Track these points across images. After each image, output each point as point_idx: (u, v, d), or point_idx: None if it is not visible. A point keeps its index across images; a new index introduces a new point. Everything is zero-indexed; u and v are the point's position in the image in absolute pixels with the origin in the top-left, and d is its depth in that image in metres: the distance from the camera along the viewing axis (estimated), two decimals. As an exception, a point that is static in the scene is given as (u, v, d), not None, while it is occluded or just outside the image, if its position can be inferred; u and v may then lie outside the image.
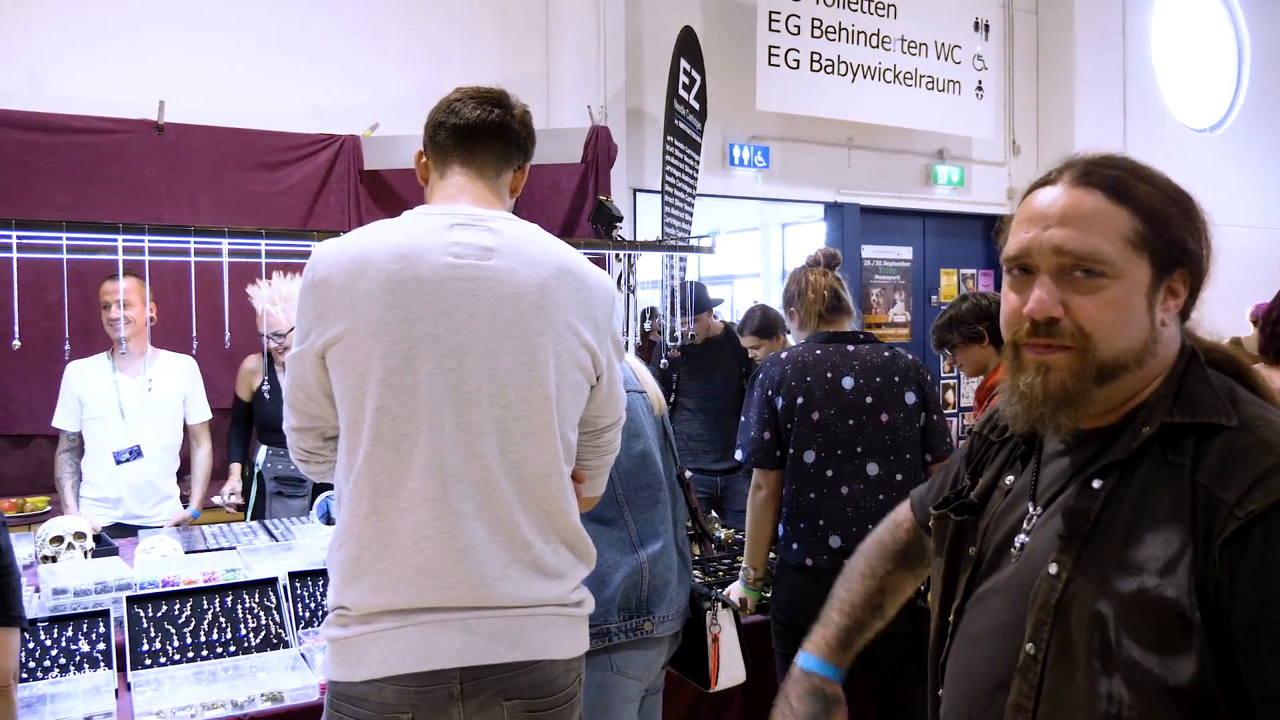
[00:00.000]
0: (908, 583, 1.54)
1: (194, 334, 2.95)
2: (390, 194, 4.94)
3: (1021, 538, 1.19)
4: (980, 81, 7.41)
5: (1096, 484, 1.12)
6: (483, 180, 1.77)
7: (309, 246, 3.10)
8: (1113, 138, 7.98)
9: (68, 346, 2.93)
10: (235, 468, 4.12)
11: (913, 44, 7.04)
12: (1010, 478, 1.26)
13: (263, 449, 4.09)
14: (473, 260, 1.63)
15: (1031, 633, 1.12)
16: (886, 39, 6.91)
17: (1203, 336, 1.20)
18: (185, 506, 3.97)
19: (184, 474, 4.02)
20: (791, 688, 1.46)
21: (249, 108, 4.82)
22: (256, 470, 4.06)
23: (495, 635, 1.58)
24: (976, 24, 7.41)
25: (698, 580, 2.95)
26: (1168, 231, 1.12)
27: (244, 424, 4.13)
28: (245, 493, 4.09)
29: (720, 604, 2.39)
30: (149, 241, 2.83)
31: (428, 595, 1.57)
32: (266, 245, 2.97)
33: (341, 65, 5.19)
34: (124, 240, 2.78)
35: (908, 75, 7.03)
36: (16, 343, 2.73)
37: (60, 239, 2.77)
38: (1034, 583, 1.13)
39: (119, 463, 3.77)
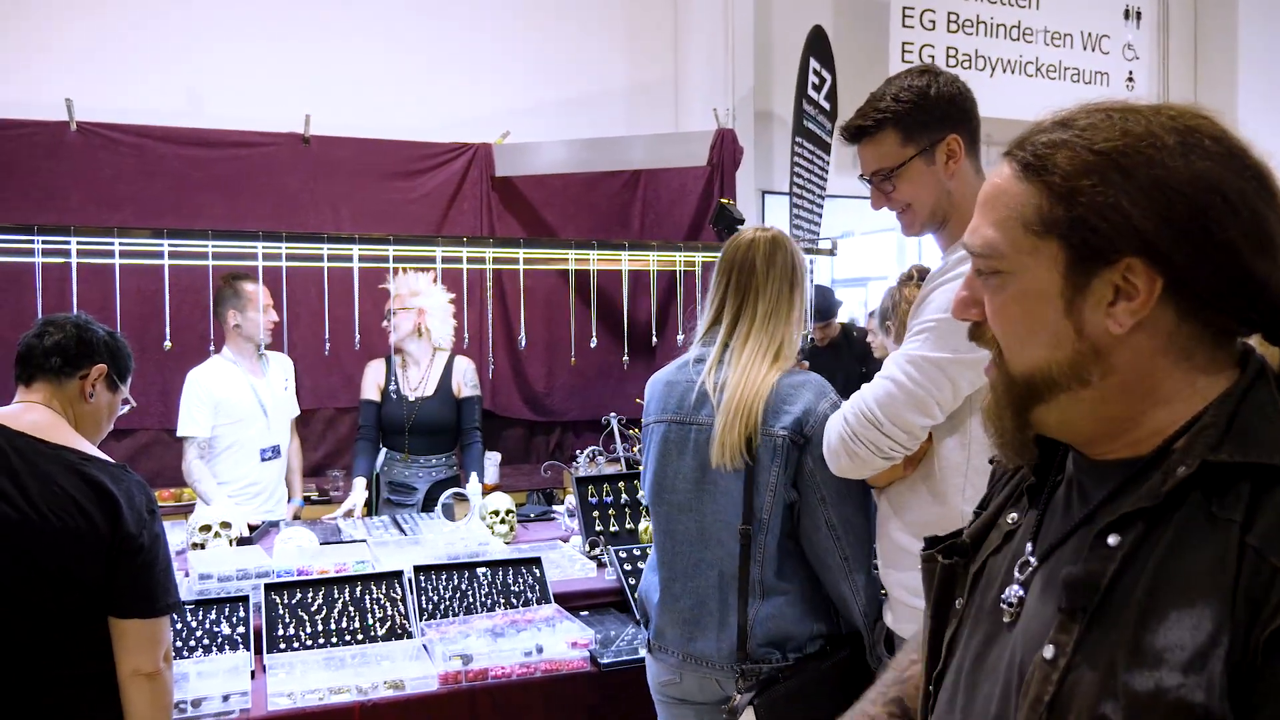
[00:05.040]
0: None
1: (327, 335, 3.10)
2: (521, 200, 5.05)
3: (1015, 590, 0.93)
4: (1131, 72, 7.05)
5: (1113, 540, 0.84)
6: None
7: (434, 251, 3.22)
8: (1280, 128, 7.48)
9: (211, 349, 3.11)
10: (360, 483, 3.90)
11: (1056, 35, 6.76)
12: (1014, 515, 0.99)
13: (383, 451, 4.10)
14: None
15: None
16: (1028, 31, 6.66)
17: None
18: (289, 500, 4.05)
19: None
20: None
21: (388, 119, 5.01)
22: (375, 471, 4.08)
23: None
24: (1127, 12, 7.05)
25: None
26: (1085, 204, 0.83)
27: (374, 428, 4.00)
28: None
29: None
30: (286, 248, 2.98)
31: None
32: (394, 251, 3.11)
33: (475, 75, 5.35)
34: (263, 247, 2.95)
35: (1051, 68, 6.75)
36: (168, 344, 2.93)
37: (207, 247, 2.95)
38: (1029, 667, 0.87)
39: (264, 460, 3.88)
